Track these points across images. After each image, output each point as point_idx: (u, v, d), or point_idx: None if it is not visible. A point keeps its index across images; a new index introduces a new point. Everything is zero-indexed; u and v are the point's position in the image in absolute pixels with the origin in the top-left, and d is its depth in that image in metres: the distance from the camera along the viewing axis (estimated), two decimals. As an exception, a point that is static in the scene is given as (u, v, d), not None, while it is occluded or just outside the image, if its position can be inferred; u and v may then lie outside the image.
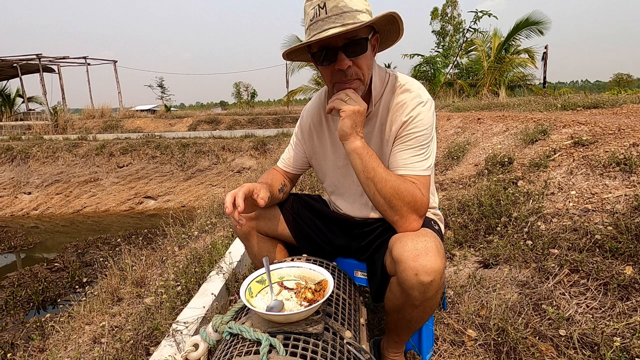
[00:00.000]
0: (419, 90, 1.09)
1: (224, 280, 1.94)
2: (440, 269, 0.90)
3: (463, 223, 2.34)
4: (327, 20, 0.95)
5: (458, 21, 21.86)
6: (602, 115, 3.56)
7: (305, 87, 18.54)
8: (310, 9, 0.99)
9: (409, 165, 1.04)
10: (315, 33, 0.96)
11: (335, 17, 0.94)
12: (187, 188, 10.33)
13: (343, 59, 0.99)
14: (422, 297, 0.93)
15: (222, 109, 35.71)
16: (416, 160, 1.04)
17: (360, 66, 1.01)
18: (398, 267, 0.93)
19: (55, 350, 1.93)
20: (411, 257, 0.90)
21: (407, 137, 1.06)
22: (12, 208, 10.03)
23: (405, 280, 0.92)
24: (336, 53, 0.98)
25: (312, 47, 1.02)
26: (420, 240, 0.93)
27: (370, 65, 1.04)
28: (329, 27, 0.94)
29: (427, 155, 1.06)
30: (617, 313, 1.35)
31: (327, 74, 1.04)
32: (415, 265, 0.89)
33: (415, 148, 1.05)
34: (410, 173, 1.04)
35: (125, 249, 3.13)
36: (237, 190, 1.03)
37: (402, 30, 1.02)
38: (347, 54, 0.98)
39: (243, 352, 0.78)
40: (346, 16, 0.94)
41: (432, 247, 0.91)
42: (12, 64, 17.92)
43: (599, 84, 66.72)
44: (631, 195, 1.90)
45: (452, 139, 4.82)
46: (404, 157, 1.05)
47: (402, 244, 0.94)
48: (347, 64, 0.99)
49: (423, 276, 0.89)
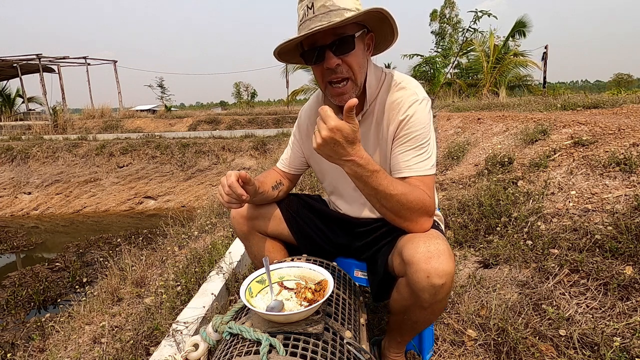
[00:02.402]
0: (415, 89, 1.09)
1: (224, 280, 1.94)
2: (452, 271, 0.90)
3: (463, 223, 2.34)
4: (314, 19, 0.96)
5: (456, 21, 21.89)
6: (602, 115, 3.56)
7: (306, 87, 18.55)
8: (300, 10, 1.00)
9: (412, 166, 1.04)
10: (303, 33, 0.97)
11: (322, 15, 0.95)
12: (187, 188, 10.33)
13: (331, 57, 0.98)
14: (432, 299, 0.92)
15: (222, 109, 35.70)
16: (419, 160, 1.04)
17: (350, 64, 1.00)
18: (409, 268, 0.93)
19: (55, 350, 1.93)
20: (423, 259, 0.90)
21: (405, 137, 1.05)
22: (12, 208, 10.03)
23: (416, 282, 0.91)
24: (324, 51, 0.98)
25: (303, 46, 1.03)
26: (433, 243, 0.92)
27: (361, 64, 1.03)
28: (315, 25, 0.95)
29: (428, 154, 1.05)
30: (617, 313, 1.35)
31: (319, 73, 1.04)
32: (428, 268, 0.89)
33: (416, 148, 1.04)
34: (414, 174, 1.03)
35: (125, 249, 3.13)
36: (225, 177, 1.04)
37: (396, 29, 1.01)
38: (335, 52, 0.98)
39: (243, 352, 0.78)
40: (332, 14, 0.94)
41: (444, 250, 0.91)
42: (12, 64, 17.94)
43: (599, 84, 66.70)
44: (631, 195, 1.90)
45: (452, 139, 4.82)
46: (406, 159, 1.05)
47: (414, 246, 0.93)
48: (335, 62, 0.99)
49: (435, 279, 0.88)
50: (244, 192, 1.03)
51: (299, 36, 0.97)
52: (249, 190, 1.09)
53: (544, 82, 12.76)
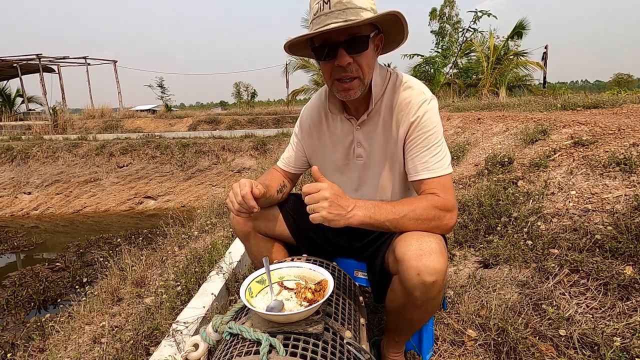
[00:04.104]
0: (422, 88, 1.09)
1: (224, 280, 1.94)
2: (443, 269, 0.90)
3: (463, 223, 2.34)
4: (330, 15, 0.94)
5: (456, 20, 21.86)
6: (602, 115, 3.56)
7: (306, 87, 18.56)
8: (314, 4, 0.99)
9: (430, 167, 1.04)
10: (318, 27, 0.96)
11: (339, 12, 0.94)
12: (187, 188, 10.33)
13: (344, 55, 0.98)
14: (424, 297, 0.93)
15: (222, 109, 35.69)
16: (436, 161, 1.04)
17: (360, 64, 1.00)
18: (400, 266, 0.93)
19: (55, 350, 1.93)
20: (414, 257, 0.90)
21: (419, 138, 1.05)
22: (12, 208, 10.03)
23: (407, 280, 0.92)
24: (337, 49, 0.98)
25: (315, 41, 1.02)
26: (424, 241, 0.92)
27: (371, 64, 1.04)
28: (331, 21, 0.94)
29: (443, 154, 1.06)
30: (617, 313, 1.34)
31: (327, 70, 1.04)
32: (418, 265, 0.89)
33: (430, 148, 1.05)
34: (432, 176, 1.03)
35: (125, 249, 3.13)
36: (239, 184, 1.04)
37: (406, 32, 1.01)
38: (348, 50, 0.98)
39: (243, 352, 0.78)
40: (349, 12, 0.93)
41: (435, 248, 0.91)
42: (12, 64, 17.93)
43: (599, 84, 66.68)
44: (631, 195, 1.90)
45: (452, 139, 4.82)
46: (423, 161, 1.05)
47: (406, 244, 0.93)
48: (347, 60, 0.98)
49: (426, 276, 0.89)
50: (255, 205, 1.03)
51: (314, 32, 0.96)
52: (260, 203, 1.09)
53: (544, 82, 12.77)
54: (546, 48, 12.64)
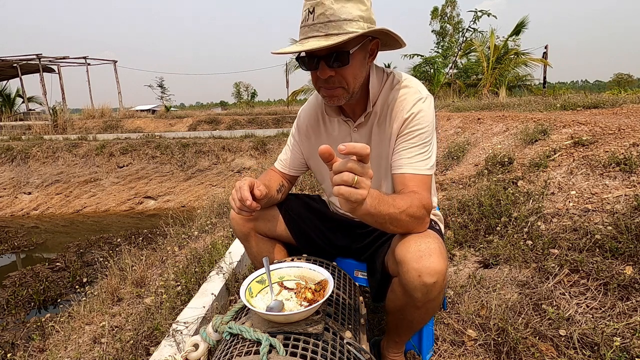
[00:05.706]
0: (418, 86, 1.09)
1: (224, 280, 1.94)
2: (443, 270, 0.89)
3: (463, 223, 2.34)
4: (312, 28, 0.94)
5: (457, 21, 21.87)
6: (602, 115, 3.56)
7: (306, 87, 18.56)
8: (303, 10, 0.98)
9: (413, 164, 1.04)
10: (301, 38, 0.97)
11: (321, 25, 0.93)
12: (187, 188, 10.33)
13: (324, 68, 0.97)
14: (424, 298, 0.92)
15: (222, 109, 35.67)
16: (421, 159, 1.04)
17: (344, 76, 0.99)
18: (401, 268, 0.93)
19: (55, 350, 1.93)
20: (414, 259, 0.90)
21: (409, 134, 1.05)
22: (12, 208, 10.03)
23: (408, 282, 0.91)
24: (319, 62, 0.97)
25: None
26: (424, 242, 0.92)
27: (357, 74, 1.02)
28: (313, 34, 0.94)
29: (429, 154, 1.06)
30: (617, 313, 1.35)
31: (313, 77, 1.04)
32: (419, 267, 0.89)
33: (419, 146, 1.05)
34: (413, 172, 1.03)
35: (126, 249, 3.13)
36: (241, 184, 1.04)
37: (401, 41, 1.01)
38: (329, 64, 0.97)
39: (243, 352, 0.78)
40: (331, 26, 0.92)
41: (435, 249, 0.91)
42: (12, 64, 17.93)
43: (599, 84, 66.64)
44: (631, 195, 1.90)
45: (452, 139, 4.82)
46: (408, 156, 1.05)
47: (406, 245, 0.93)
48: (328, 73, 0.98)
49: (426, 277, 0.88)
50: (257, 205, 1.03)
51: (292, 51, 0.96)
52: (262, 203, 1.09)
53: (544, 82, 12.77)
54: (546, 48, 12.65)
